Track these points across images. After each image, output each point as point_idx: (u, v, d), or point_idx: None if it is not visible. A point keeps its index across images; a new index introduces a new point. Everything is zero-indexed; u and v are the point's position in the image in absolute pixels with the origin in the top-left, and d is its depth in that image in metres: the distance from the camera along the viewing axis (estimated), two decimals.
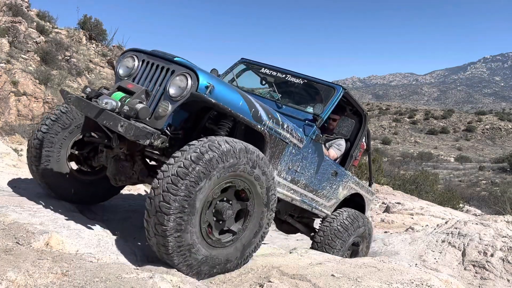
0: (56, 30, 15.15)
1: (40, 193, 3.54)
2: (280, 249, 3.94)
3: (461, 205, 14.37)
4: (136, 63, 3.05)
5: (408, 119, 73.24)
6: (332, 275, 2.77)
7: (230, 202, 2.71)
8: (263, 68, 4.47)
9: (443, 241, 4.41)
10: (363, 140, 4.73)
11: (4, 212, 2.79)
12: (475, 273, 3.76)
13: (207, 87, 2.70)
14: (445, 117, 72.09)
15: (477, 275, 3.72)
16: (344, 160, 4.56)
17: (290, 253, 3.64)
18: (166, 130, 2.78)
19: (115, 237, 2.99)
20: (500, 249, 3.93)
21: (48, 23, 15.10)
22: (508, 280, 3.60)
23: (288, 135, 3.34)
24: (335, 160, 4.40)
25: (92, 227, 3.02)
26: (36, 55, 12.19)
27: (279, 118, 3.27)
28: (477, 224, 4.58)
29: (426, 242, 4.51)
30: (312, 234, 4.56)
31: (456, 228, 4.61)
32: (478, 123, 67.65)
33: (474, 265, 3.86)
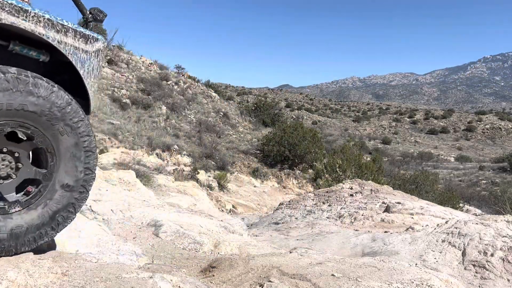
0: None
1: None
2: (280, 249, 3.94)
3: (461, 204, 14.36)
4: None
5: (408, 119, 73.33)
6: (332, 274, 2.77)
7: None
8: None
9: (443, 241, 4.40)
10: None
11: None
12: (475, 273, 3.75)
13: None
14: (445, 117, 72.16)
15: (477, 275, 3.72)
16: None
17: (290, 253, 3.64)
18: None
19: (115, 237, 2.99)
20: (500, 249, 3.93)
21: None
22: (508, 280, 3.59)
23: None
24: None
25: (92, 227, 3.02)
26: None
27: None
28: (477, 223, 4.58)
29: (426, 241, 4.50)
30: None
31: (456, 228, 4.60)
32: (478, 123, 67.73)
33: (474, 265, 3.85)
